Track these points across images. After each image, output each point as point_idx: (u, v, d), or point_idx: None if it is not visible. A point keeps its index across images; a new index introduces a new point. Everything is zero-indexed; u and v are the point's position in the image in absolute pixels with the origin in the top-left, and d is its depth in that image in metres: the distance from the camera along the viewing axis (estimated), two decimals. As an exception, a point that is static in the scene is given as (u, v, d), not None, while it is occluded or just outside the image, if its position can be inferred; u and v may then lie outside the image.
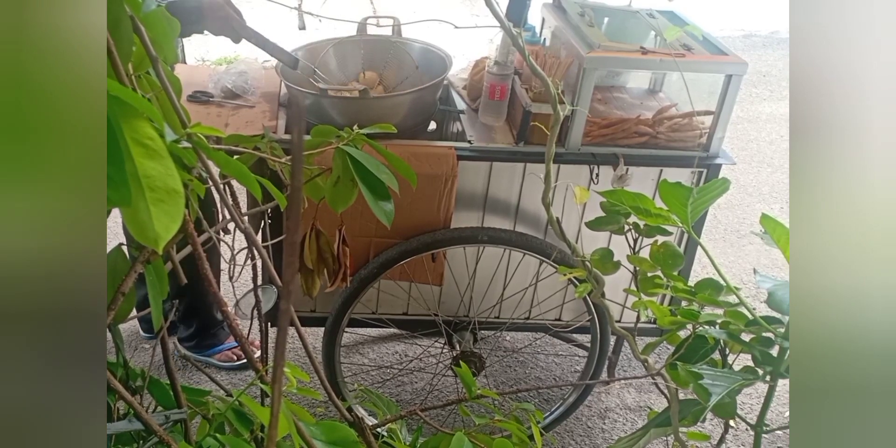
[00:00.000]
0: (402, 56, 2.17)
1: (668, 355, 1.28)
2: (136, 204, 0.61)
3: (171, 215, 0.63)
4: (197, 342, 2.46)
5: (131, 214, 0.62)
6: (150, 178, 0.62)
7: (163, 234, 0.62)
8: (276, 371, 0.46)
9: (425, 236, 1.94)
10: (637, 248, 1.49)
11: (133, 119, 0.61)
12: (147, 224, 0.62)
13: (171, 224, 0.63)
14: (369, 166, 1.00)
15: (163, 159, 0.63)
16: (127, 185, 0.61)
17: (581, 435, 2.34)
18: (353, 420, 1.05)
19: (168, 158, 0.63)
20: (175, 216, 0.63)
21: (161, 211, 0.62)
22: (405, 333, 2.53)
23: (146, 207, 0.62)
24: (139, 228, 0.62)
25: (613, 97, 2.18)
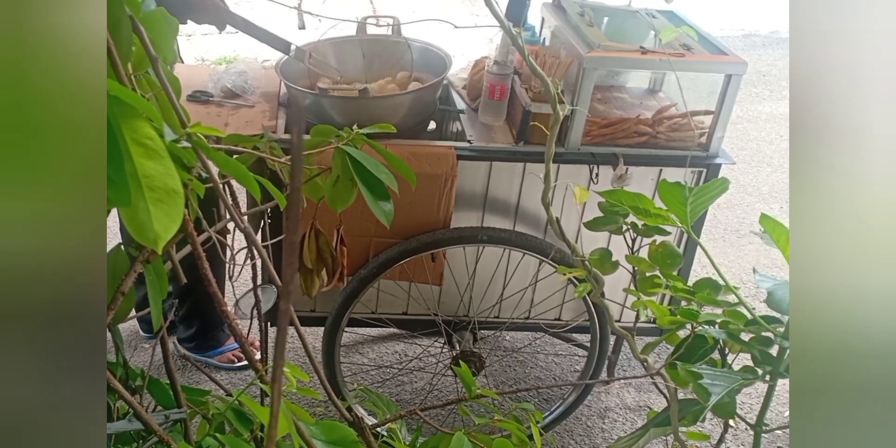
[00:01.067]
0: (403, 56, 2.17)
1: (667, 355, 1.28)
2: (135, 204, 0.61)
3: (171, 215, 0.63)
4: (198, 343, 2.46)
5: (131, 214, 0.62)
6: (149, 178, 0.62)
7: (162, 234, 0.62)
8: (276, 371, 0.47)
9: (425, 236, 1.94)
10: (635, 248, 1.49)
11: (132, 119, 0.61)
12: (146, 224, 0.62)
13: (171, 224, 0.63)
14: (369, 166, 1.00)
15: (162, 159, 0.63)
16: (126, 185, 0.61)
17: (581, 434, 2.34)
18: (353, 420, 1.05)
19: (167, 158, 0.63)
20: (175, 216, 0.63)
21: (160, 211, 0.62)
22: (405, 333, 2.53)
23: (146, 207, 0.62)
24: (138, 228, 0.62)
25: (613, 97, 2.18)
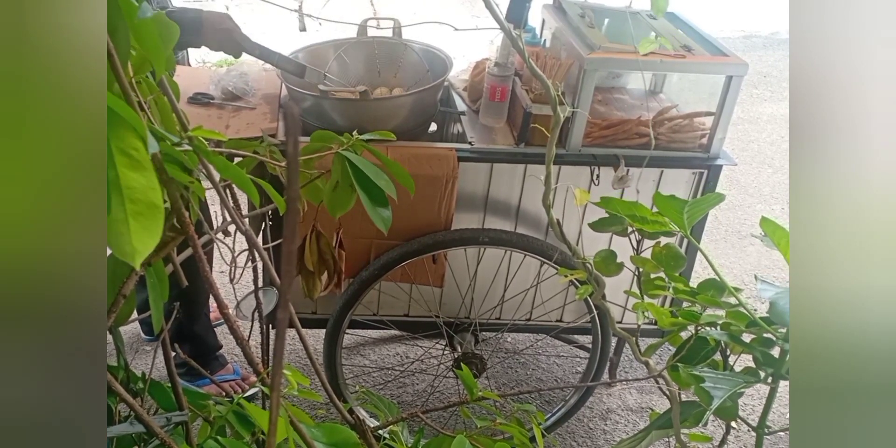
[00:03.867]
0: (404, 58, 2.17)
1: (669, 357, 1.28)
2: (115, 214, 0.59)
3: (150, 230, 0.60)
4: (188, 369, 2.39)
5: (108, 225, 0.59)
6: (131, 189, 0.60)
7: (140, 250, 0.59)
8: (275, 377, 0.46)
9: (426, 238, 1.94)
10: (640, 249, 1.49)
11: (119, 128, 0.60)
12: (124, 237, 0.59)
13: (150, 240, 0.60)
14: (368, 172, 1.00)
15: (146, 171, 0.61)
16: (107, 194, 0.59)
17: (583, 436, 2.34)
18: (355, 422, 1.05)
19: (151, 171, 0.61)
20: (154, 232, 0.60)
21: (140, 225, 0.60)
22: (406, 335, 2.53)
23: (125, 219, 0.59)
24: (116, 240, 0.59)
25: (614, 98, 2.18)
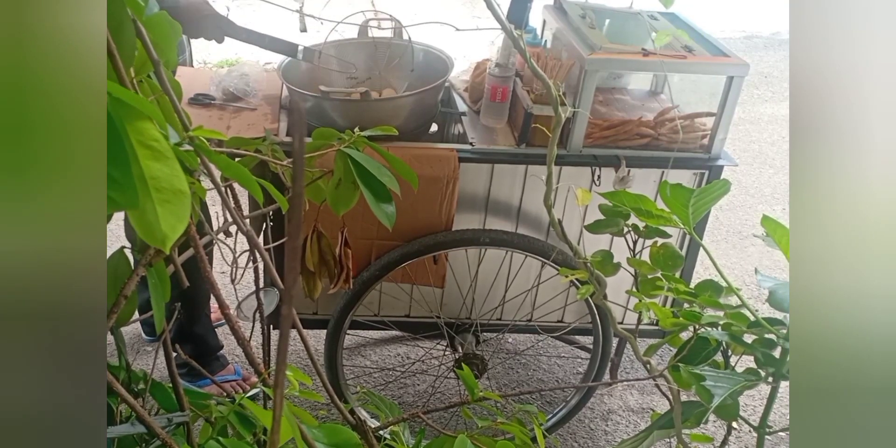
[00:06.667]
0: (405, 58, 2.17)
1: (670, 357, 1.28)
2: (143, 205, 0.62)
3: (178, 215, 0.63)
4: (189, 369, 2.40)
5: (138, 216, 0.62)
6: (156, 179, 0.62)
7: (169, 234, 0.63)
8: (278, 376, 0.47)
9: (427, 238, 1.94)
10: (637, 250, 1.49)
11: (137, 121, 0.62)
12: (154, 225, 0.62)
13: (178, 224, 0.63)
14: (371, 168, 1.00)
15: (168, 160, 0.63)
16: (134, 188, 0.61)
17: (584, 437, 2.34)
18: (356, 423, 1.05)
19: (174, 159, 0.64)
20: (181, 216, 0.64)
21: (167, 211, 0.63)
22: (407, 336, 2.53)
23: (153, 208, 0.62)
24: (146, 229, 0.62)
25: (615, 99, 2.18)
